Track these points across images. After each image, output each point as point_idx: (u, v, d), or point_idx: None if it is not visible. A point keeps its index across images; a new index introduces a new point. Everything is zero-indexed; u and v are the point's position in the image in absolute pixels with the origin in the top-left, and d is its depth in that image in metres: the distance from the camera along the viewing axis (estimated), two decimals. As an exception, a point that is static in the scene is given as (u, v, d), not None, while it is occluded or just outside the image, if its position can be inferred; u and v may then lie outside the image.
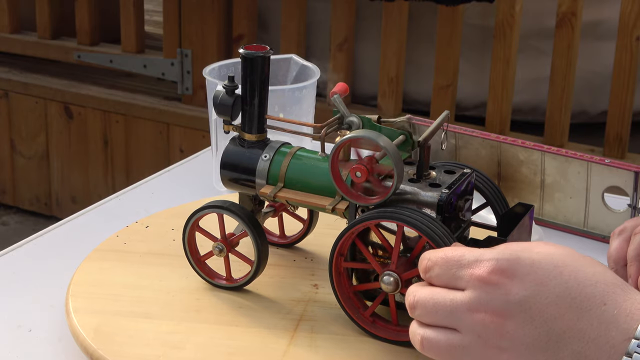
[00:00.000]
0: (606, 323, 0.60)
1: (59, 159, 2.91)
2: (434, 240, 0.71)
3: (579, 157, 1.02)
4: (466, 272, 0.63)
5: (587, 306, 0.61)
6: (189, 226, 0.84)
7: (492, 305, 0.62)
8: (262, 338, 0.77)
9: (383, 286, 0.75)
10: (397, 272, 0.74)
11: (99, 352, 0.75)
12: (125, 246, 0.92)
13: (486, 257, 0.63)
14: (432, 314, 0.65)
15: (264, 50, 0.81)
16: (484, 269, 0.62)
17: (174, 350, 0.75)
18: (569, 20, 2.25)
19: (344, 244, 0.77)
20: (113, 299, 0.83)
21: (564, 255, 0.64)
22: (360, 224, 0.75)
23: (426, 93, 2.53)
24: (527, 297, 0.61)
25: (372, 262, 0.76)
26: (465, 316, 0.63)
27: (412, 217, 0.72)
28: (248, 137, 0.83)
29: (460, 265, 0.64)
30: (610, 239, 0.85)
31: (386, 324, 0.78)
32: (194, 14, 2.66)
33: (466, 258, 0.64)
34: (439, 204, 0.74)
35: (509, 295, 0.61)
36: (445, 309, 0.64)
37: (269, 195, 0.81)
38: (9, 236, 2.83)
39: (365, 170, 0.74)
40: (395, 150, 0.73)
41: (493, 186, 0.82)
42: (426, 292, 0.65)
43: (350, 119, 0.80)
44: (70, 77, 2.91)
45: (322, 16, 2.62)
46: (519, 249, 0.64)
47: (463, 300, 0.63)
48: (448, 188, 0.75)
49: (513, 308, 0.61)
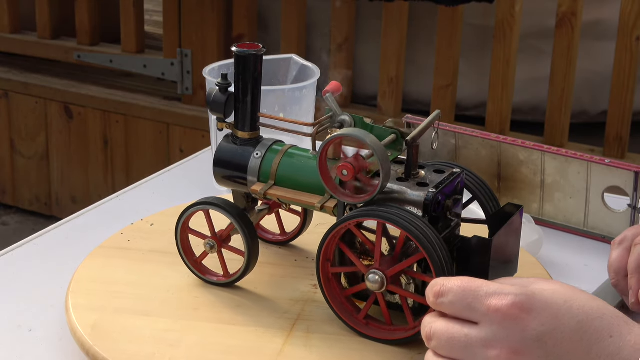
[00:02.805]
0: (612, 355, 0.61)
1: (59, 159, 2.91)
2: (414, 235, 0.71)
3: (579, 157, 1.02)
4: (483, 304, 0.63)
5: (596, 339, 0.62)
6: (179, 227, 0.85)
7: (508, 341, 0.62)
8: (258, 337, 0.77)
9: (369, 285, 0.75)
10: (382, 270, 0.74)
11: (95, 348, 0.75)
12: (129, 243, 0.92)
13: (505, 291, 0.63)
14: (447, 347, 0.65)
15: (257, 48, 0.82)
16: (504, 302, 0.63)
17: (170, 348, 0.76)
18: (569, 20, 2.25)
19: (328, 249, 0.77)
20: (113, 296, 0.83)
21: (568, 290, 0.65)
22: (341, 225, 0.75)
23: (426, 93, 2.53)
24: (544, 333, 0.62)
25: (356, 262, 0.76)
26: (481, 352, 0.63)
27: (394, 214, 0.72)
28: (241, 134, 0.84)
29: (477, 296, 0.64)
30: (611, 248, 0.85)
31: (380, 324, 0.78)
32: (194, 14, 2.66)
33: (484, 290, 0.64)
34: (425, 202, 0.74)
35: (526, 332, 0.62)
36: (460, 344, 0.64)
37: (259, 192, 0.81)
38: (9, 236, 2.83)
39: (352, 168, 0.74)
40: (382, 149, 0.73)
41: (483, 186, 0.82)
42: (442, 325, 0.65)
43: (342, 118, 0.80)
44: (70, 77, 2.91)
45: (322, 16, 2.62)
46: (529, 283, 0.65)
47: (478, 336, 0.63)
48: (435, 187, 0.75)
49: (530, 344, 0.62)
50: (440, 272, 0.71)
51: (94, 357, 0.75)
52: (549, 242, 1.01)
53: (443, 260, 0.71)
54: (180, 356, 0.75)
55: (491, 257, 0.74)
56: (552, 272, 0.92)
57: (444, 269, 0.71)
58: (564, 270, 0.97)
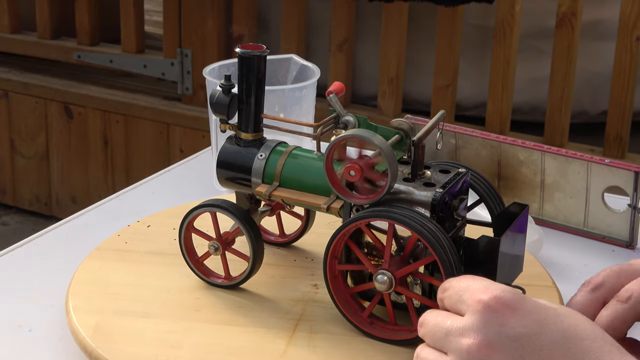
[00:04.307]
0: None
1: (59, 159, 2.91)
2: (426, 238, 0.71)
3: (579, 157, 1.02)
4: (471, 297, 0.63)
5: (580, 357, 0.60)
6: (184, 226, 0.85)
7: (484, 333, 0.61)
8: (261, 338, 0.77)
9: (377, 285, 0.75)
10: (391, 271, 0.74)
11: (97, 350, 0.75)
12: (126, 245, 0.92)
13: (494, 286, 0.63)
14: (430, 334, 0.65)
15: (261, 49, 0.82)
16: (488, 295, 0.62)
17: (172, 349, 0.75)
18: (569, 20, 2.25)
19: (336, 246, 0.77)
20: (113, 297, 0.83)
21: (568, 310, 0.64)
22: (352, 224, 0.75)
23: (426, 93, 2.53)
24: (522, 335, 0.61)
25: (365, 262, 0.76)
26: (456, 340, 0.62)
27: (405, 215, 0.72)
28: (244, 136, 0.83)
29: (469, 289, 0.64)
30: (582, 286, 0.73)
31: (384, 324, 0.78)
32: (194, 14, 2.66)
33: (476, 284, 0.64)
34: (433, 203, 0.74)
35: (504, 327, 0.61)
36: (442, 331, 0.64)
37: (264, 194, 0.81)
38: (9, 236, 2.83)
39: (359, 169, 0.74)
40: (389, 149, 0.73)
41: (488, 185, 0.82)
42: (433, 314, 0.66)
43: (346, 118, 0.80)
44: (70, 77, 2.91)
45: (322, 16, 2.62)
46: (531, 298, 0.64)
47: (458, 325, 0.63)
48: (442, 187, 0.75)
49: (506, 342, 0.61)
50: (450, 274, 0.71)
51: (96, 359, 0.75)
52: (549, 242, 1.01)
53: (453, 263, 0.71)
54: (183, 357, 0.74)
55: (499, 256, 0.74)
56: (552, 272, 0.92)
57: (453, 271, 0.71)
58: (564, 270, 0.97)
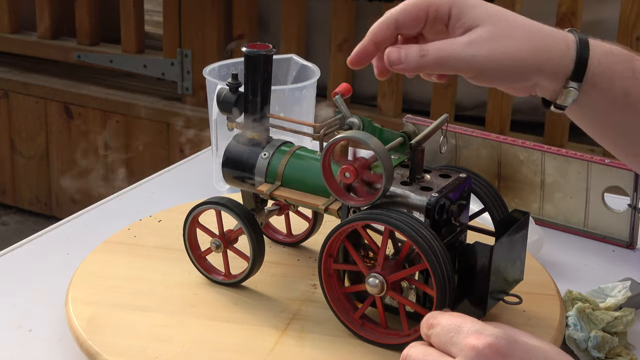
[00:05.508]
0: None
1: (59, 159, 2.91)
2: (418, 244, 0.70)
3: (579, 157, 1.02)
4: (463, 340, 0.63)
5: None
6: (188, 221, 0.85)
7: None
8: (251, 335, 0.78)
9: (368, 288, 0.74)
10: (383, 275, 0.74)
11: (88, 342, 0.76)
12: (135, 239, 0.93)
13: (486, 332, 0.63)
14: None
15: (267, 48, 0.82)
16: (481, 342, 0.62)
17: (162, 343, 0.76)
18: (569, 20, 2.25)
19: (332, 245, 0.77)
20: (112, 290, 0.83)
21: (557, 353, 0.64)
22: (347, 225, 0.75)
23: (426, 93, 2.53)
24: None
25: (359, 263, 0.75)
26: None
27: (398, 219, 0.72)
28: (250, 134, 0.84)
29: (459, 331, 0.63)
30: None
31: (375, 326, 0.77)
32: (194, 14, 2.66)
33: (467, 327, 0.63)
34: (427, 207, 0.73)
35: None
36: None
37: (265, 193, 0.81)
38: (9, 236, 2.83)
39: (354, 171, 0.74)
40: (384, 152, 0.73)
41: (492, 191, 0.81)
42: (420, 351, 0.65)
43: (351, 120, 0.80)
44: (70, 77, 2.91)
45: (322, 16, 2.62)
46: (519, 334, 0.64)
47: None
48: (439, 192, 0.74)
49: None
50: (440, 281, 0.70)
51: (86, 350, 0.76)
52: (549, 242, 1.01)
53: (444, 272, 0.71)
54: (172, 352, 0.75)
55: (492, 263, 0.74)
56: (552, 272, 0.92)
57: (445, 281, 0.71)
58: (564, 270, 0.97)
